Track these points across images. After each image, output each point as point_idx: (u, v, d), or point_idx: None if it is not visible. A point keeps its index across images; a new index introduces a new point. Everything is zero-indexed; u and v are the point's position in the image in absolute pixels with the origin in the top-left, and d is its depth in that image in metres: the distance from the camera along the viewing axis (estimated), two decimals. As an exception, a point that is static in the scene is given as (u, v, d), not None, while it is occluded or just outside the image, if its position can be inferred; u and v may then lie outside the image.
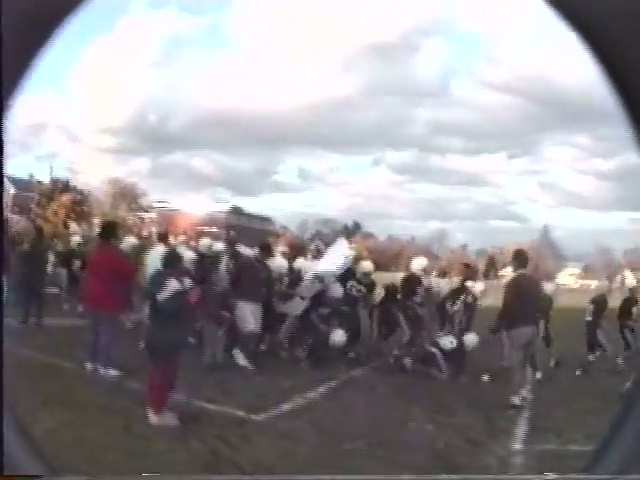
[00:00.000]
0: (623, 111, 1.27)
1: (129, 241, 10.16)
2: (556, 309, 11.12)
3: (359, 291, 10.11)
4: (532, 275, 7.89)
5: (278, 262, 10.02)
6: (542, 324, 8.67)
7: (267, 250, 9.66)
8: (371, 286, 10.68)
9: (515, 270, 7.77)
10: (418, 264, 10.24)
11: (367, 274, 10.57)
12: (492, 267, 13.81)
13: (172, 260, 6.29)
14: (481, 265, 15.42)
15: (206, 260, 9.78)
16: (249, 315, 8.56)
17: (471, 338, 9.27)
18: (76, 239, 14.50)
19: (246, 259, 9.46)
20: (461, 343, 9.14)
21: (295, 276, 10.15)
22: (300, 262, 10.89)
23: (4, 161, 1.35)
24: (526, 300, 7.34)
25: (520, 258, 7.80)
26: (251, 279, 8.75)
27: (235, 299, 8.63)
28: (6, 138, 1.29)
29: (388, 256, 37.81)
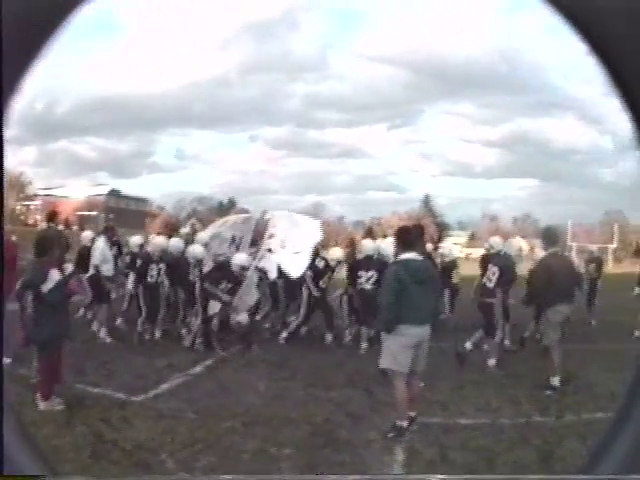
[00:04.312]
0: (624, 110, 1.31)
1: None
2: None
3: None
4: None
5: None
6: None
7: None
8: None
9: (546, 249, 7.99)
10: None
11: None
12: (370, 238, 14.73)
13: (45, 248, 6.15)
14: (359, 236, 16.27)
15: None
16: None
17: None
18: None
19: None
20: None
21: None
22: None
23: (4, 161, 1.39)
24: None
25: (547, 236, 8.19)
26: None
27: None
28: (6, 138, 1.34)
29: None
